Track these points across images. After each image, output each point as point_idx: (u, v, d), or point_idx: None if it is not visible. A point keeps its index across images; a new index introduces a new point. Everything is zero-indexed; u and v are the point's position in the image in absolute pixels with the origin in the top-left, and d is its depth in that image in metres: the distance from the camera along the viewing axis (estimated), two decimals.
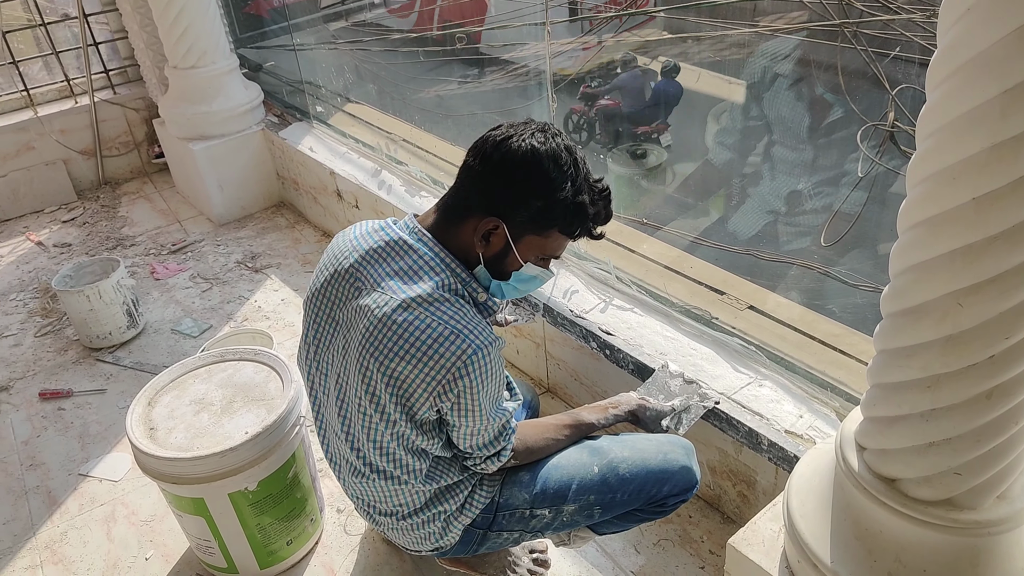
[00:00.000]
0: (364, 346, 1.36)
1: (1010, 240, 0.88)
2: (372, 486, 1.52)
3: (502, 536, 1.61)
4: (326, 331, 1.50)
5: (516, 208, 1.34)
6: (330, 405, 1.52)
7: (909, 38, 3.61)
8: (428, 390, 1.33)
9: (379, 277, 1.38)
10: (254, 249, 3.65)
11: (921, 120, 0.92)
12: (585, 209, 1.37)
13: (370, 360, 1.36)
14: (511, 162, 1.31)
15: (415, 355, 1.31)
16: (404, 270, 1.38)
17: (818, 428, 1.76)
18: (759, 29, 6.44)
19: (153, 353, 2.98)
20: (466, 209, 1.37)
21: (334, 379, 1.49)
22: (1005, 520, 1.08)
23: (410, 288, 1.35)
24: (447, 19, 6.76)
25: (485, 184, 1.35)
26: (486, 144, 1.34)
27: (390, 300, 1.35)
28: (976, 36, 0.82)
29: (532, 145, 1.31)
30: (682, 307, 2.18)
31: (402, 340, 1.32)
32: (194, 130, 3.78)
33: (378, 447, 1.44)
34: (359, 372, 1.39)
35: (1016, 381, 0.97)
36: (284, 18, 4.51)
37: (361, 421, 1.43)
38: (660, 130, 5.84)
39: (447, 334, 1.31)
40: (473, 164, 1.36)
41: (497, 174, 1.33)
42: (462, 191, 1.39)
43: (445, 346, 1.30)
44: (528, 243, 1.39)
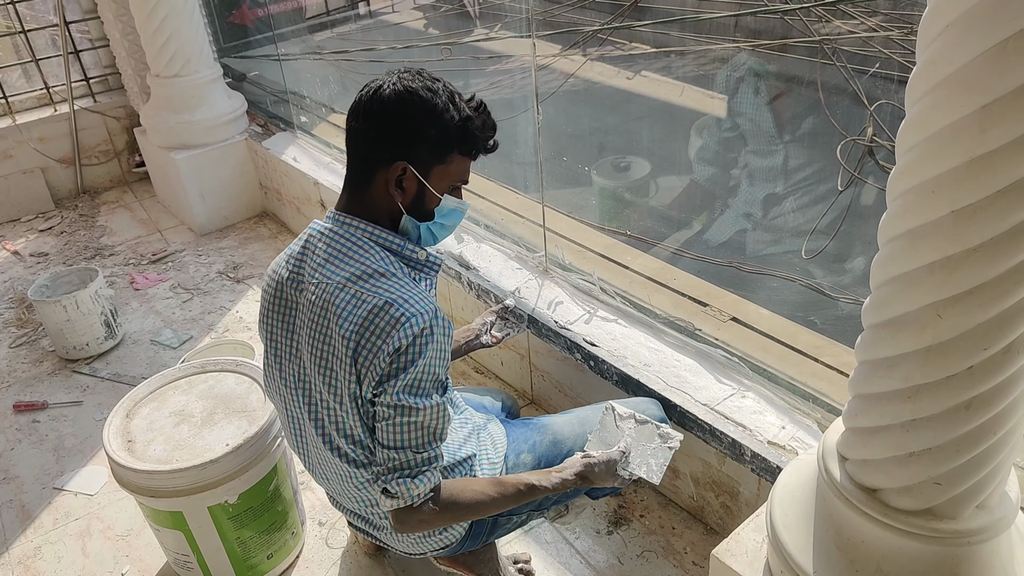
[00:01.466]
0: (313, 337, 1.39)
1: (988, 252, 0.89)
2: (364, 487, 1.50)
3: (512, 520, 1.65)
4: (283, 345, 1.50)
5: (414, 144, 1.37)
6: (304, 418, 1.51)
7: (888, 55, 3.67)
8: (371, 360, 1.33)
9: (313, 269, 1.42)
10: (236, 259, 3.63)
11: (901, 134, 0.94)
12: (472, 123, 1.41)
13: (320, 349, 1.38)
14: (392, 105, 1.35)
15: (356, 330, 1.33)
16: (334, 255, 1.41)
17: (800, 439, 1.77)
18: (740, 45, 6.51)
19: (131, 364, 2.95)
20: (370, 169, 1.40)
21: (300, 388, 1.48)
22: (984, 529, 1.09)
23: (343, 269, 1.38)
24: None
25: (377, 135, 1.38)
26: (361, 103, 1.38)
27: (327, 285, 1.38)
28: (955, 53, 0.83)
29: (404, 85, 1.36)
30: (666, 318, 2.18)
31: (343, 319, 1.34)
32: (176, 139, 3.76)
33: (354, 441, 1.43)
34: (317, 368, 1.40)
35: (994, 392, 0.98)
36: (269, 28, 4.50)
37: (329, 418, 1.43)
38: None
39: (382, 304, 1.33)
40: (357, 125, 1.39)
41: (384, 121, 1.36)
42: (359, 155, 1.42)
43: (383, 315, 1.32)
44: (437, 175, 1.42)
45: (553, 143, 5.43)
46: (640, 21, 5.93)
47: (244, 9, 4.55)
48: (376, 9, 8.67)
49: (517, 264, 2.52)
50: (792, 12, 3.83)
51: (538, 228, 2.50)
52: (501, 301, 2.31)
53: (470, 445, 1.62)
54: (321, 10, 6.51)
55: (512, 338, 2.29)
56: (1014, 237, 0.88)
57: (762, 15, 5.17)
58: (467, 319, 2.68)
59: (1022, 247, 0.88)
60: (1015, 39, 0.79)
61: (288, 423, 1.57)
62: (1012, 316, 0.92)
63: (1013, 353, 0.95)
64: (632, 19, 4.94)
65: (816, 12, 3.76)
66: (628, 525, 2.08)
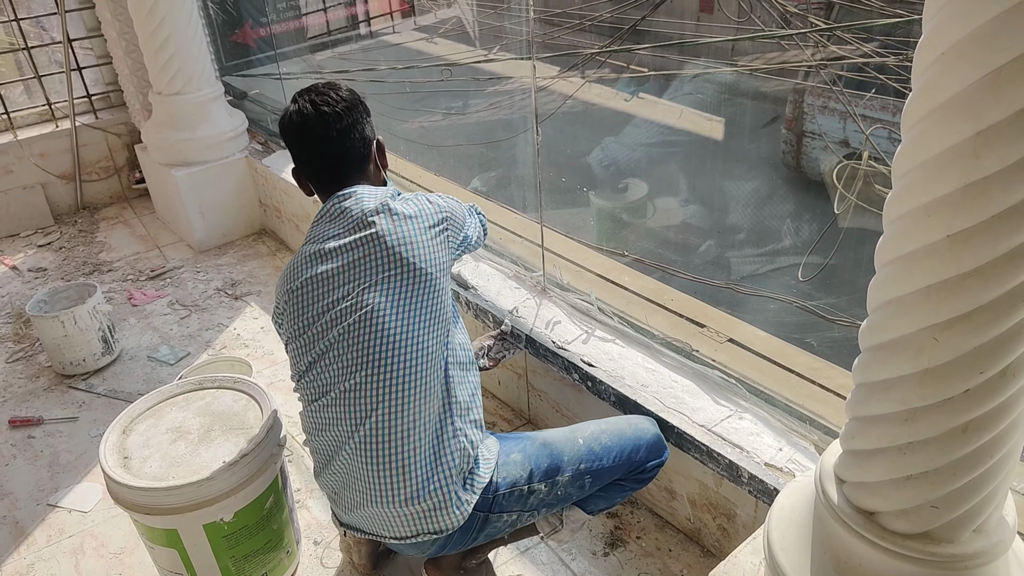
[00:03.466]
0: (376, 240, 1.57)
1: (983, 276, 0.90)
2: (387, 417, 1.54)
3: (502, 519, 1.66)
4: (332, 288, 1.59)
5: (369, 118, 1.70)
6: (349, 348, 1.56)
7: (884, 80, 3.71)
8: (434, 219, 1.65)
9: (356, 214, 1.61)
10: (234, 276, 3.63)
11: (897, 159, 0.95)
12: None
13: (392, 238, 1.57)
14: (341, 107, 1.64)
15: (418, 222, 1.62)
16: (367, 196, 1.63)
17: (797, 461, 1.77)
18: (738, 68, 6.59)
19: (128, 380, 2.94)
20: (366, 152, 1.69)
21: (359, 309, 1.56)
22: (981, 554, 1.09)
23: (381, 196, 1.64)
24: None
25: (359, 125, 1.66)
26: (315, 117, 1.63)
27: (378, 204, 1.61)
28: (950, 80, 0.85)
29: (328, 94, 1.65)
30: (663, 339, 2.19)
31: (406, 207, 1.63)
32: (177, 156, 3.77)
33: (409, 352, 1.54)
34: (384, 263, 1.56)
35: (991, 415, 0.99)
36: (271, 47, 4.54)
37: (391, 334, 1.54)
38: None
39: (418, 193, 1.69)
40: (343, 126, 1.63)
41: (357, 112, 1.66)
42: (355, 149, 1.67)
43: (425, 197, 1.68)
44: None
45: (552, 164, 5.46)
46: (639, 44, 5.99)
47: (247, 28, 4.59)
48: (377, 30, 8.76)
49: (515, 283, 2.53)
50: (788, 36, 3.88)
51: (536, 248, 2.51)
52: (499, 323, 2.31)
53: (485, 431, 1.69)
54: (323, 30, 6.57)
55: (509, 358, 2.30)
56: (1009, 261, 0.89)
57: (760, 40, 5.22)
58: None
59: (1017, 271, 0.89)
60: (1009, 67, 0.80)
61: (330, 375, 1.59)
62: (1008, 339, 0.93)
63: (1009, 376, 0.96)
64: (630, 42, 5.00)
65: (812, 37, 3.81)
66: (625, 547, 2.07)
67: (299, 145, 1.67)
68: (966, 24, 0.82)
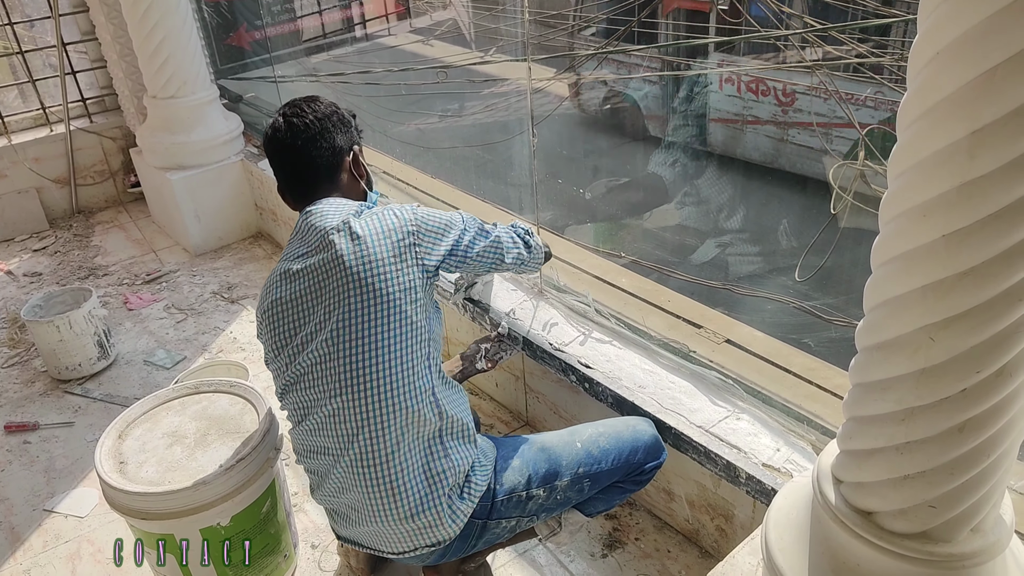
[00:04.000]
0: (340, 262, 1.51)
1: (979, 276, 0.90)
2: (376, 436, 1.51)
3: (500, 525, 1.65)
4: (303, 310, 1.57)
5: (349, 131, 1.71)
6: (325, 371, 1.53)
7: (880, 81, 3.72)
8: (403, 238, 1.55)
9: (319, 232, 1.57)
10: (231, 280, 3.62)
11: (892, 159, 0.95)
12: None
13: (354, 261, 1.51)
14: (321, 112, 1.66)
15: (382, 228, 1.54)
16: (331, 213, 1.60)
17: (795, 461, 1.77)
18: (734, 70, 6.60)
19: (124, 385, 2.93)
20: (336, 162, 1.68)
21: (330, 333, 1.52)
22: (979, 553, 1.09)
23: (345, 212, 1.59)
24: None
25: (330, 134, 1.66)
26: (302, 124, 1.64)
27: (339, 222, 1.55)
28: (944, 79, 0.85)
29: (301, 107, 1.67)
30: (660, 340, 2.19)
31: (367, 226, 1.54)
32: (172, 160, 3.77)
33: (387, 368, 1.50)
34: (350, 287, 1.50)
35: (988, 414, 0.98)
36: (266, 50, 4.53)
37: (367, 340, 1.50)
38: None
39: (385, 208, 1.59)
40: (310, 135, 1.64)
41: (327, 125, 1.66)
42: (322, 159, 1.66)
43: (392, 212, 1.58)
44: (362, 153, 1.77)
45: (547, 165, 5.47)
46: (635, 45, 6.00)
47: (241, 31, 4.59)
48: (372, 32, 8.76)
49: (512, 285, 2.53)
50: (785, 37, 3.89)
51: None
52: (496, 325, 2.31)
53: (477, 438, 1.66)
54: (318, 33, 6.57)
55: (507, 360, 2.29)
56: (1005, 261, 0.88)
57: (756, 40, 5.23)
58: (463, 341, 2.68)
59: (1013, 271, 0.89)
60: (1004, 66, 0.80)
61: (311, 396, 1.57)
62: (1005, 339, 0.93)
63: (1006, 376, 0.96)
64: (626, 44, 5.01)
65: (808, 38, 3.82)
66: (623, 548, 2.07)
67: (272, 157, 1.70)
68: (961, 24, 0.82)
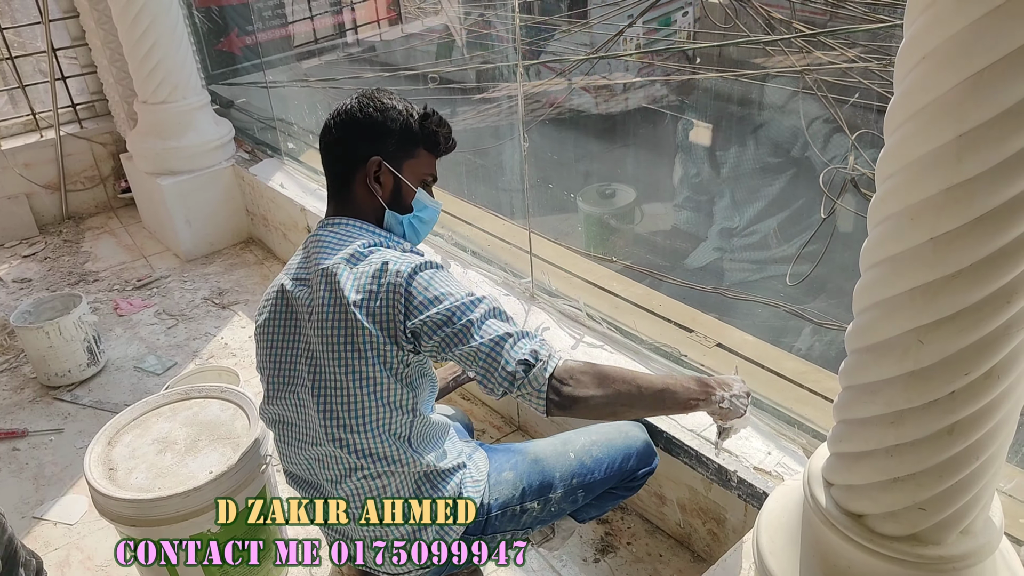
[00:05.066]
0: (324, 324, 1.41)
1: (967, 279, 0.91)
2: (366, 480, 1.48)
3: (495, 539, 1.63)
4: (287, 346, 1.52)
5: (383, 140, 1.52)
6: (306, 416, 1.50)
7: (867, 85, 3.75)
8: (390, 311, 1.38)
9: (314, 264, 1.48)
10: (222, 285, 3.61)
11: (880, 163, 0.96)
12: (430, 121, 1.57)
13: (333, 321, 1.40)
14: (357, 114, 1.52)
15: (366, 295, 1.39)
16: (328, 246, 1.49)
17: (786, 465, 1.77)
18: (724, 75, 6.63)
19: (114, 391, 2.91)
20: (349, 172, 1.54)
21: (308, 381, 1.47)
22: (969, 555, 1.09)
23: (340, 253, 1.45)
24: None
25: (350, 141, 1.53)
26: (330, 122, 1.55)
27: (327, 268, 1.43)
28: (931, 83, 0.86)
29: (362, 99, 1.55)
30: (652, 344, 2.19)
31: (349, 290, 1.39)
32: (163, 165, 3.75)
33: (363, 422, 1.43)
34: (327, 346, 1.41)
35: (976, 417, 0.99)
36: (257, 55, 4.53)
37: (341, 400, 1.43)
38: None
39: (380, 265, 1.40)
40: (331, 140, 1.55)
41: (354, 129, 1.53)
42: (337, 164, 1.57)
43: (384, 273, 1.39)
44: (409, 168, 1.56)
45: (539, 170, 5.47)
46: (625, 51, 6.02)
47: (232, 37, 4.58)
48: (364, 38, 8.77)
49: (504, 290, 2.53)
50: (774, 43, 3.91)
51: (525, 254, 2.52)
52: None
53: (461, 458, 1.62)
54: (309, 38, 6.57)
55: None
56: (992, 263, 0.89)
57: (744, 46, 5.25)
58: None
59: (1001, 273, 0.90)
60: (989, 70, 0.81)
61: (294, 435, 1.55)
62: (993, 341, 0.94)
63: (994, 378, 0.96)
64: (616, 49, 5.02)
65: (797, 43, 3.84)
66: (615, 552, 2.06)
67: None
68: (947, 28, 0.83)
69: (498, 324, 1.36)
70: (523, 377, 1.31)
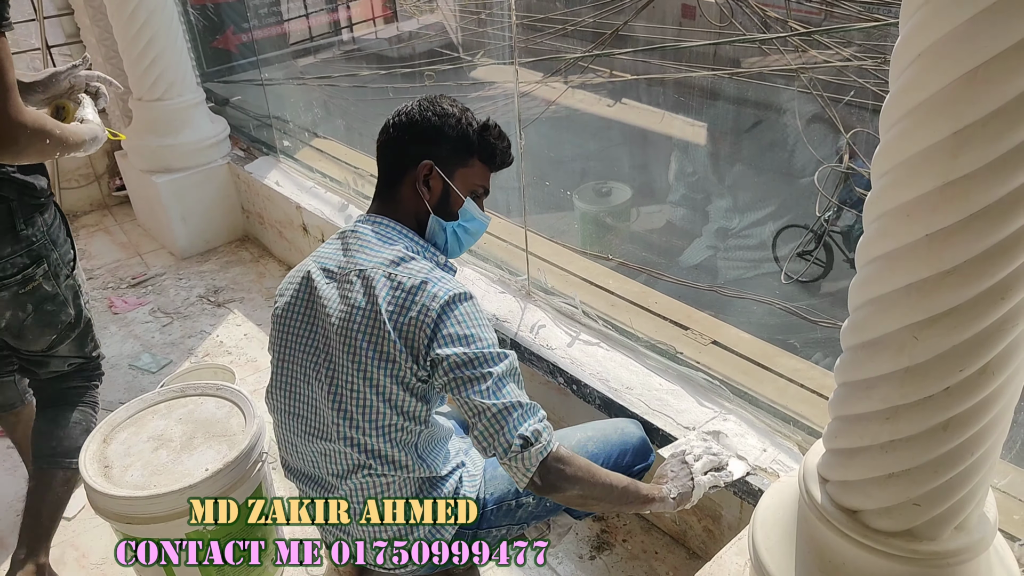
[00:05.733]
0: (349, 326, 1.41)
1: (962, 275, 0.91)
2: (371, 478, 1.48)
3: (491, 534, 1.63)
4: (303, 337, 1.51)
5: (438, 145, 1.51)
6: (318, 410, 1.50)
7: (862, 84, 3.76)
8: (418, 333, 1.37)
9: (347, 260, 1.47)
10: (217, 283, 3.60)
11: (876, 160, 0.96)
12: (489, 133, 1.56)
13: (362, 325, 1.40)
14: (416, 116, 1.52)
15: (398, 309, 1.38)
16: (365, 245, 1.48)
17: (781, 462, 1.78)
18: (719, 73, 6.64)
19: (109, 389, 2.90)
20: (399, 171, 1.53)
21: (325, 377, 1.47)
22: (963, 551, 1.10)
23: (376, 255, 1.45)
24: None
25: (405, 141, 1.52)
26: (390, 123, 1.54)
27: (363, 271, 1.43)
28: (926, 80, 0.86)
29: (423, 103, 1.54)
30: (647, 342, 2.20)
31: (383, 300, 1.39)
32: (158, 162, 3.74)
33: (376, 426, 1.43)
34: (348, 348, 1.41)
35: (971, 413, 1.00)
36: (253, 53, 4.52)
37: (356, 401, 1.42)
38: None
39: (418, 283, 1.39)
40: (387, 139, 1.54)
41: (410, 130, 1.52)
42: (388, 161, 1.55)
43: (420, 293, 1.38)
44: (460, 176, 1.54)
45: (535, 168, 5.48)
46: (621, 49, 6.03)
47: (228, 34, 4.57)
48: (359, 36, 8.75)
49: (500, 288, 2.53)
50: (769, 41, 3.92)
51: (521, 252, 2.52)
52: None
53: (460, 456, 1.62)
54: (305, 36, 6.55)
55: None
56: (987, 260, 0.90)
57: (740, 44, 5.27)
58: None
59: (995, 270, 0.90)
60: (984, 68, 0.81)
61: (302, 427, 1.55)
62: (987, 337, 0.94)
63: (989, 374, 0.97)
64: (613, 47, 5.03)
65: (792, 42, 3.85)
66: (611, 550, 2.07)
67: None
68: (942, 26, 0.83)
69: (514, 389, 1.38)
70: (518, 452, 1.32)
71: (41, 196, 1.85)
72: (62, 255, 1.88)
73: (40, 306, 1.86)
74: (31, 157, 1.63)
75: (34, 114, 1.60)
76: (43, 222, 1.85)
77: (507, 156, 1.60)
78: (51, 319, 1.90)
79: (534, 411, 1.37)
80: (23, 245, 1.80)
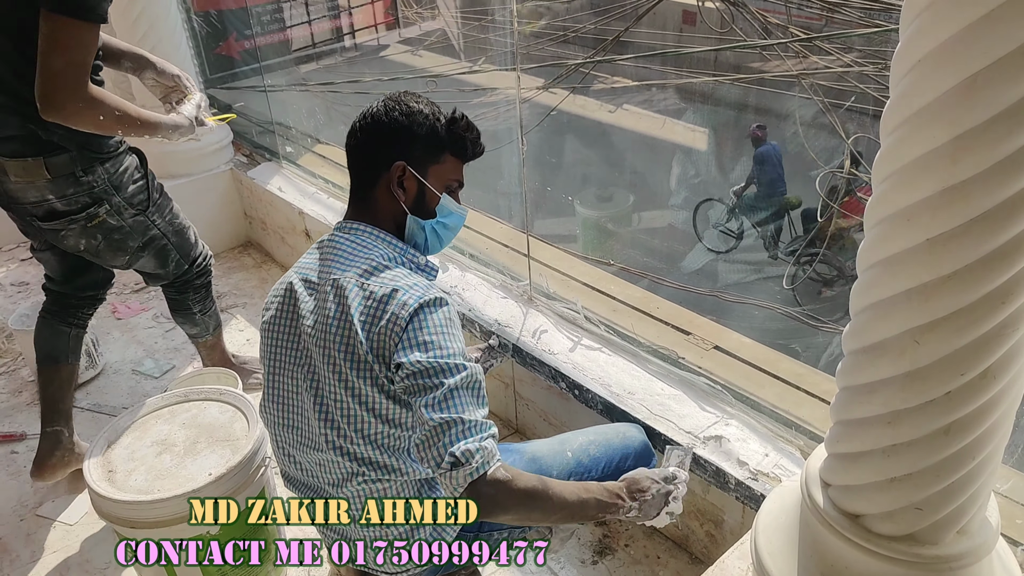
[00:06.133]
0: (326, 335, 1.41)
1: (962, 280, 0.91)
2: (367, 484, 1.48)
3: (492, 537, 1.63)
4: (290, 350, 1.51)
5: (409, 146, 1.50)
6: (308, 422, 1.50)
7: (863, 89, 3.77)
8: (386, 340, 1.36)
9: (325, 271, 1.47)
10: (219, 289, 3.61)
11: (876, 165, 0.96)
12: (457, 126, 1.54)
13: (336, 334, 1.40)
14: (383, 117, 1.50)
15: (369, 319, 1.38)
16: (342, 255, 1.47)
17: (783, 466, 1.78)
18: (720, 79, 6.66)
19: (112, 394, 2.91)
20: (372, 176, 1.52)
21: (309, 388, 1.47)
22: (965, 555, 1.10)
23: (353, 267, 1.44)
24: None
25: (375, 144, 1.51)
26: (356, 124, 1.53)
27: (336, 281, 1.43)
28: (926, 86, 0.87)
29: (388, 103, 1.52)
30: (650, 347, 2.20)
31: (355, 311, 1.38)
32: (161, 168, 3.73)
33: (363, 435, 1.43)
34: (326, 358, 1.41)
35: (973, 417, 1.00)
36: (255, 60, 4.54)
37: (341, 411, 1.42)
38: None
39: (389, 292, 1.38)
40: (356, 143, 1.52)
41: (379, 132, 1.50)
42: (360, 166, 1.54)
43: (390, 301, 1.37)
44: (434, 174, 1.54)
45: (537, 174, 5.49)
46: (622, 55, 6.04)
47: (231, 41, 4.59)
48: (362, 42, 8.78)
49: (502, 293, 2.54)
50: (770, 47, 3.93)
51: (522, 257, 2.52)
52: (487, 335, 2.31)
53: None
54: (307, 42, 6.58)
55: (496, 367, 2.30)
56: (988, 264, 0.90)
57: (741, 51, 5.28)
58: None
59: (996, 274, 0.91)
60: (984, 73, 0.82)
61: (297, 439, 1.55)
62: (988, 341, 0.95)
63: (990, 378, 0.97)
64: (614, 54, 5.04)
65: (793, 48, 3.86)
66: (613, 555, 2.07)
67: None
68: (942, 32, 0.84)
69: (464, 404, 1.32)
70: (447, 470, 1.29)
71: (102, 151, 2.08)
72: (126, 198, 2.18)
73: (108, 235, 2.18)
74: (84, 126, 1.88)
75: (96, 91, 1.85)
76: (104, 171, 2.10)
77: (477, 146, 1.59)
78: (120, 245, 2.23)
79: (478, 429, 1.31)
80: (84, 188, 2.07)
